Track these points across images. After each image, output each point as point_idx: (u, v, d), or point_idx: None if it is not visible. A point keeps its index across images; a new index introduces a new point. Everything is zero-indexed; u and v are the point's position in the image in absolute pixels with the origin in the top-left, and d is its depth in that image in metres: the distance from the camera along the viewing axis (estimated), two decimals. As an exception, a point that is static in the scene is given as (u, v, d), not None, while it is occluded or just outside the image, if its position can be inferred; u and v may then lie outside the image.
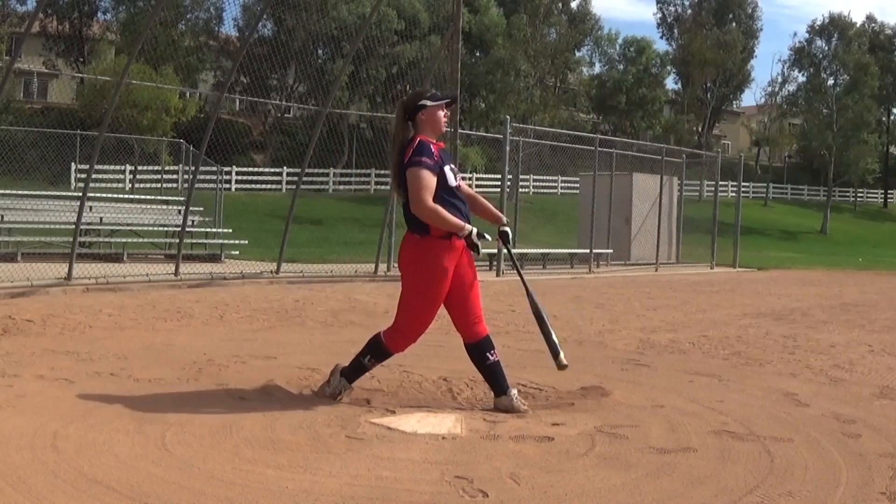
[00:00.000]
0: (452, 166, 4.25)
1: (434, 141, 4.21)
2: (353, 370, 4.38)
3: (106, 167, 23.92)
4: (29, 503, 2.78)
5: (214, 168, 16.61)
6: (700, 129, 51.56)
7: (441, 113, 4.25)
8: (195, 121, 27.59)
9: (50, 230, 13.60)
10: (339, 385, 4.37)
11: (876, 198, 56.32)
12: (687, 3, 53.98)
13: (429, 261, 4.13)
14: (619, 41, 49.21)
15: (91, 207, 13.96)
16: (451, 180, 4.17)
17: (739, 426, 4.04)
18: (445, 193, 4.12)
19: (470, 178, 34.92)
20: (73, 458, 3.24)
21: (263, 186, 32.37)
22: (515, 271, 4.60)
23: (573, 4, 48.32)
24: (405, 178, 4.09)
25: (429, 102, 4.23)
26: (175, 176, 23.80)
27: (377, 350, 4.33)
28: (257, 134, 37.58)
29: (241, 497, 2.89)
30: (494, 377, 4.28)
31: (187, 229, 13.23)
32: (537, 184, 36.21)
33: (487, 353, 4.26)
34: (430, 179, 4.06)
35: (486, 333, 4.30)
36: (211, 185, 17.62)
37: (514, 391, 4.29)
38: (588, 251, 16.82)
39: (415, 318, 4.23)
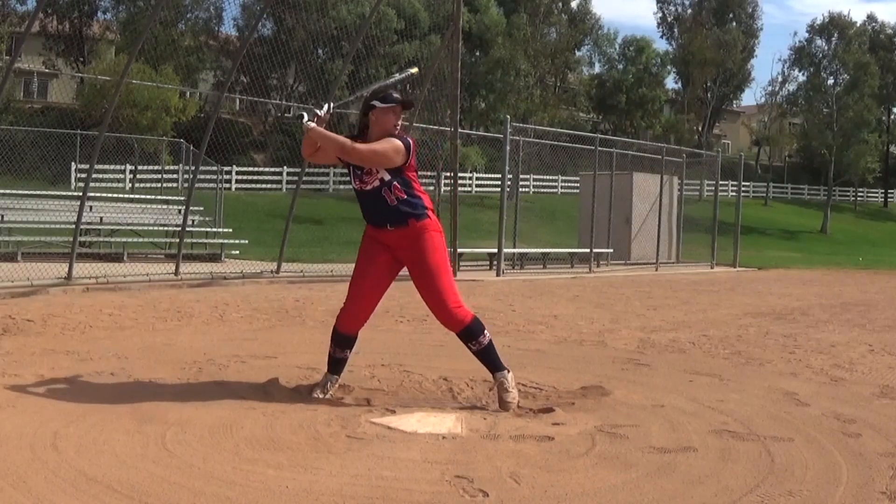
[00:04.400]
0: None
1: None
2: (330, 364, 4.45)
3: (106, 167, 23.89)
4: (29, 503, 2.77)
5: (214, 168, 16.60)
6: (700, 128, 51.58)
7: (392, 116, 4.13)
8: (195, 120, 27.59)
9: (50, 230, 13.59)
10: (323, 380, 4.43)
11: (876, 197, 56.32)
12: (687, 3, 54.04)
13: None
14: (619, 41, 49.30)
15: (91, 207, 13.96)
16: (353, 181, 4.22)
17: (740, 426, 4.04)
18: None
19: (470, 178, 34.99)
20: (73, 458, 3.24)
21: (263, 186, 32.36)
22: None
23: (573, 4, 48.40)
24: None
25: (378, 104, 4.13)
26: (175, 176, 23.80)
27: (332, 336, 4.41)
28: (257, 133, 37.57)
29: (241, 497, 2.89)
30: (485, 360, 4.24)
31: (187, 229, 13.23)
32: (537, 183, 36.20)
33: (469, 344, 4.21)
34: (393, 155, 4.07)
35: (466, 321, 4.16)
36: (211, 185, 17.62)
37: (508, 374, 4.22)
38: (588, 251, 16.82)
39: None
